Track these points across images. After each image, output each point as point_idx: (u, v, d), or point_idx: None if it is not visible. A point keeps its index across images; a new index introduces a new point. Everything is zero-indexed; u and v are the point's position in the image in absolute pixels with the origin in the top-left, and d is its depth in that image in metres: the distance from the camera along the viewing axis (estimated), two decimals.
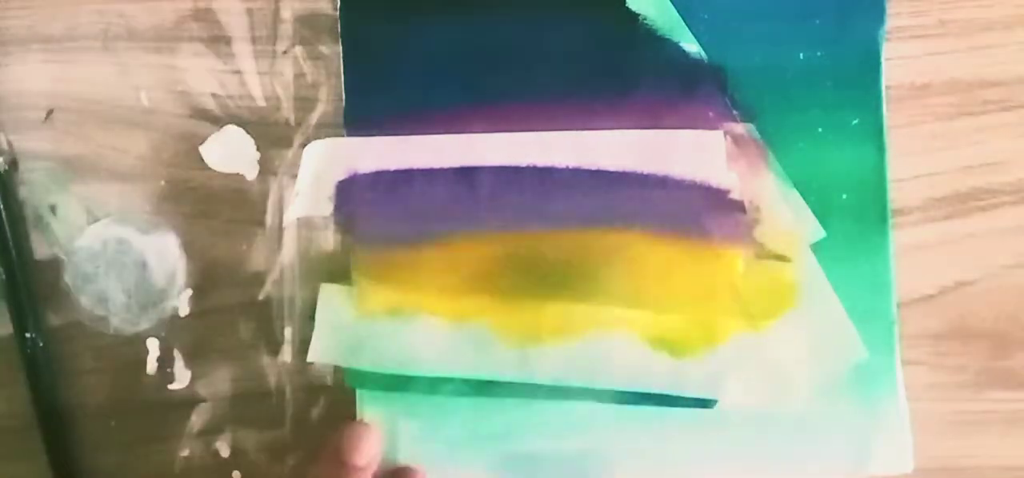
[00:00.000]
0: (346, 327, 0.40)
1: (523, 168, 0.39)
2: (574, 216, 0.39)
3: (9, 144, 0.41)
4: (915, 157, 0.40)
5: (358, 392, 0.40)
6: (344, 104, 0.40)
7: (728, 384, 0.39)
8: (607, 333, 0.39)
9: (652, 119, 0.39)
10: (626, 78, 0.39)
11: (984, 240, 0.40)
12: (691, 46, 0.39)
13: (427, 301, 0.40)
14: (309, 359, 0.40)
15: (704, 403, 0.39)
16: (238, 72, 0.41)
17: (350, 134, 0.40)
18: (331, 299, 0.40)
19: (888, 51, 0.40)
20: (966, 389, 0.40)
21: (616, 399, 0.39)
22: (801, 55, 0.39)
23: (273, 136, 0.41)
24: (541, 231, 0.39)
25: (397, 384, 0.40)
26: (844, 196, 0.39)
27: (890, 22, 0.40)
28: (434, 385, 0.39)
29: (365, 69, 0.40)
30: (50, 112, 0.41)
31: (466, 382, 0.40)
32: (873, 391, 0.39)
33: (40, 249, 0.41)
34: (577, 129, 0.39)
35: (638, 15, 0.39)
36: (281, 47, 0.41)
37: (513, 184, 0.40)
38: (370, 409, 0.40)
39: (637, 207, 0.39)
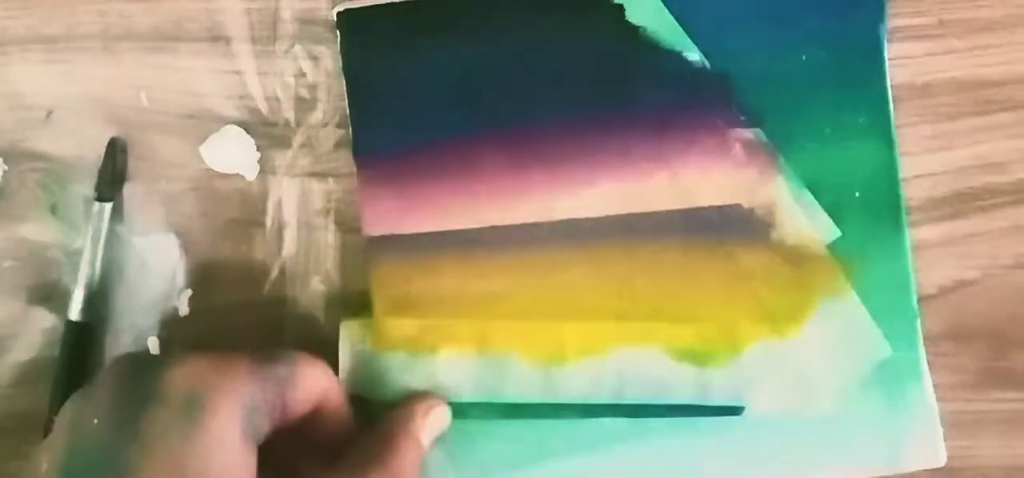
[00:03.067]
0: (369, 361, 0.40)
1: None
2: (592, 231, 0.39)
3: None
4: (915, 157, 0.40)
5: None
6: (352, 139, 0.40)
7: (754, 390, 0.39)
8: (630, 348, 0.39)
9: (658, 131, 0.39)
10: (630, 91, 0.39)
11: (984, 240, 0.40)
12: (693, 55, 0.39)
13: (448, 328, 0.40)
14: None
15: (732, 411, 0.39)
16: (238, 72, 0.41)
17: (360, 167, 0.40)
18: (352, 334, 0.40)
19: (888, 51, 0.40)
20: (966, 389, 0.40)
21: (643, 413, 0.39)
22: (804, 56, 0.39)
23: (273, 136, 0.41)
24: (559, 250, 0.39)
25: None
26: (857, 194, 0.39)
27: (890, 22, 0.40)
28: (460, 411, 0.39)
29: (370, 102, 0.40)
30: (50, 112, 0.41)
31: (492, 406, 0.39)
32: (900, 387, 0.39)
33: (40, 250, 0.41)
34: (584, 148, 0.39)
35: (638, 27, 0.39)
36: (281, 47, 0.41)
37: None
38: None
39: (654, 219, 0.39)
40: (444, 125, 0.40)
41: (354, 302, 0.41)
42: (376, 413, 0.39)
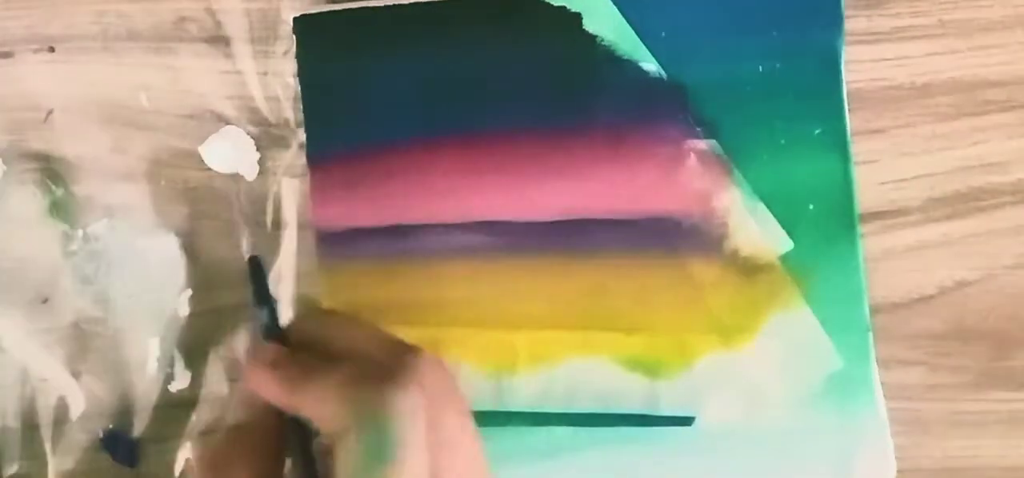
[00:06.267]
0: None
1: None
2: (544, 240, 0.39)
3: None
4: (915, 157, 0.40)
5: None
6: (305, 142, 0.40)
7: (705, 402, 0.39)
8: (581, 357, 0.39)
9: (614, 140, 0.39)
10: (587, 101, 0.39)
11: (984, 240, 0.40)
12: (650, 65, 0.39)
13: (398, 335, 0.39)
14: None
15: (682, 421, 0.39)
16: (238, 72, 0.41)
17: (312, 170, 0.40)
18: None
19: (888, 51, 0.40)
20: (966, 389, 0.40)
21: (593, 422, 0.39)
22: (760, 68, 0.39)
23: (273, 136, 0.41)
24: (512, 259, 0.39)
25: None
26: (811, 206, 0.39)
27: (890, 22, 0.40)
28: None
29: (324, 106, 0.40)
30: (50, 112, 0.41)
31: None
32: (851, 400, 0.39)
33: (40, 250, 0.41)
34: (539, 156, 0.39)
35: (595, 37, 0.39)
36: (281, 47, 0.41)
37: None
38: None
39: (607, 231, 0.39)
40: (397, 130, 0.40)
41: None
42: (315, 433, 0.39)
